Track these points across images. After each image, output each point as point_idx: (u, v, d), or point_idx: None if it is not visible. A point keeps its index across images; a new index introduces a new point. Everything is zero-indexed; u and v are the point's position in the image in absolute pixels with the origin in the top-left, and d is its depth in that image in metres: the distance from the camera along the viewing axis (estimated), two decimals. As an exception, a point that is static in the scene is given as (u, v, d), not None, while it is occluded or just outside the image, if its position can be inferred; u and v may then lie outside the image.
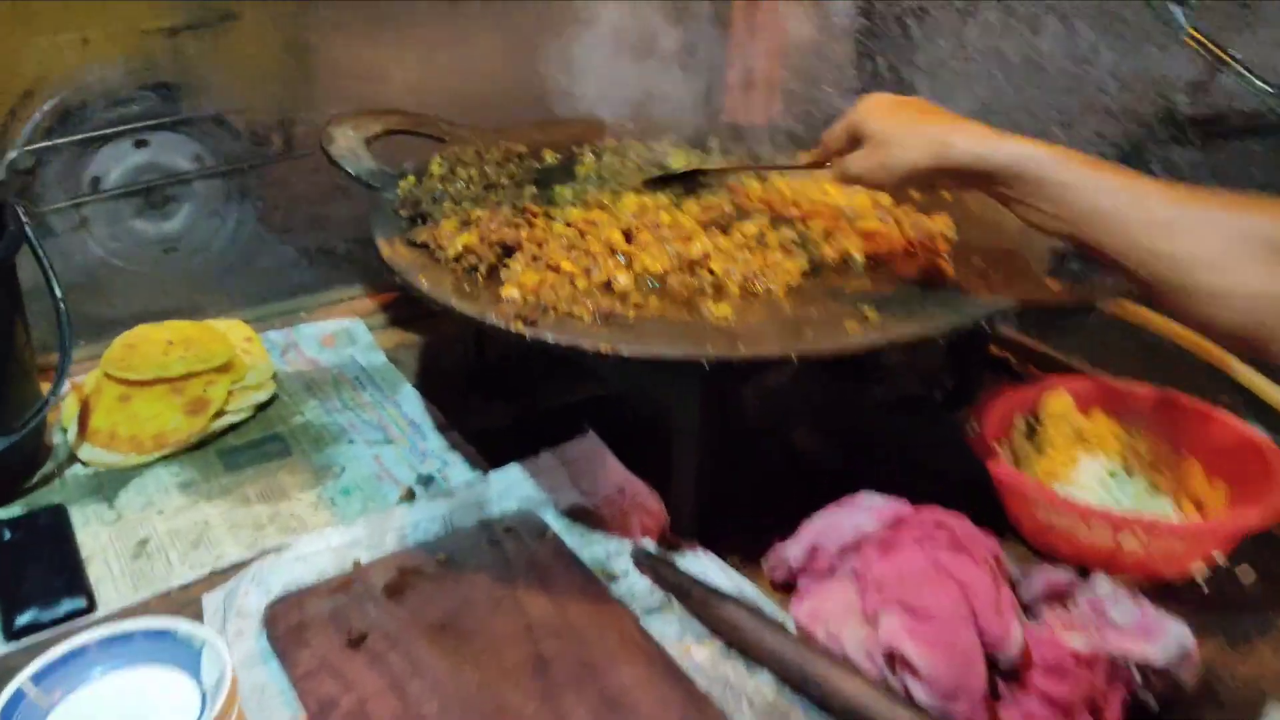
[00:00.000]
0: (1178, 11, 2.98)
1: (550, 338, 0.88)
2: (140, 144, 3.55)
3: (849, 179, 0.97)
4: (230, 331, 1.35)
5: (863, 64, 1.40)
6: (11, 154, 3.04)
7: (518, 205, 1.14)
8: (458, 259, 1.03)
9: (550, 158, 1.34)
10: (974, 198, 1.22)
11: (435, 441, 1.19)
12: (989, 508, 1.01)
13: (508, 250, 1.05)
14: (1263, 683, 0.88)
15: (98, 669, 0.77)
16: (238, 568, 0.98)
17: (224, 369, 1.25)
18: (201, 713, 0.74)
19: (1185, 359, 1.17)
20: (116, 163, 3.43)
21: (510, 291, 0.97)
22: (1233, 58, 2.83)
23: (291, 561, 0.96)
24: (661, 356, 0.86)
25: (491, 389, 1.29)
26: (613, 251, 1.08)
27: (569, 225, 1.12)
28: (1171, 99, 1.37)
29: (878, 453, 1.16)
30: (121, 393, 1.21)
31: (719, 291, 1.01)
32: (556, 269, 1.03)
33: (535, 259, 1.04)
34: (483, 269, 1.02)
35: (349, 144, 1.25)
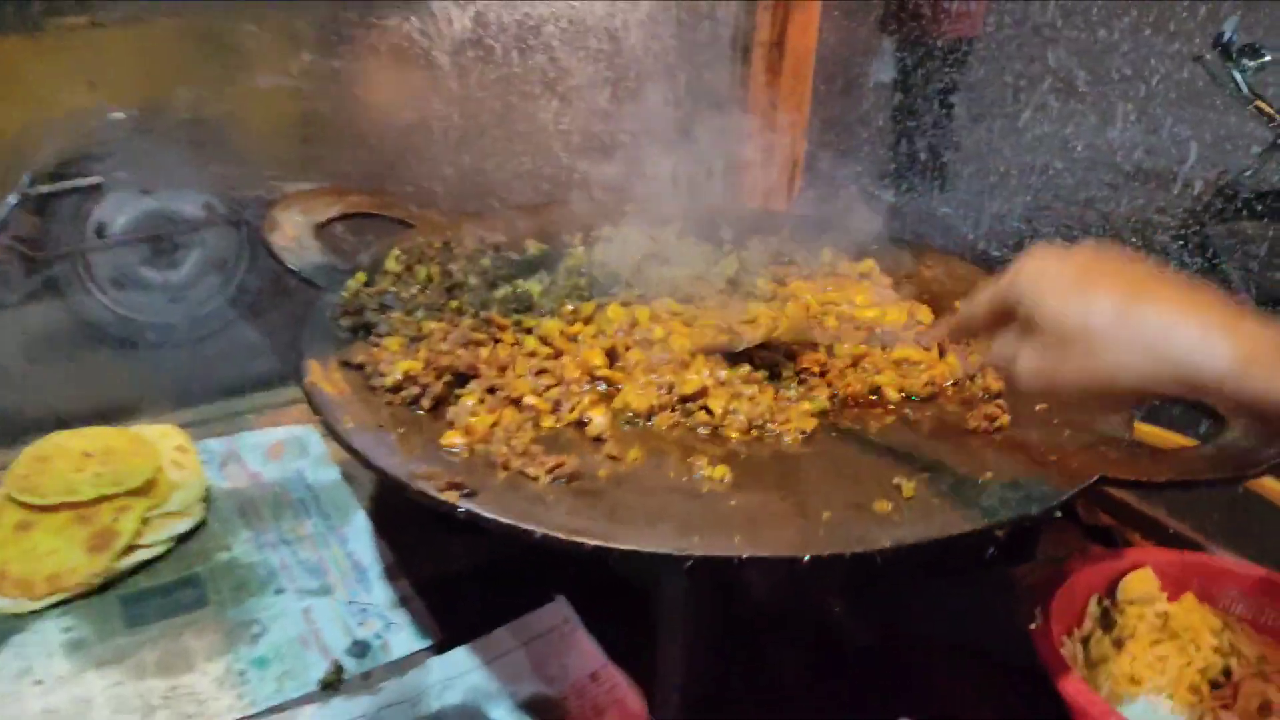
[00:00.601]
0: (1240, 78, 2.74)
1: (488, 514, 0.68)
2: (147, 191, 3.38)
3: (1021, 381, 0.65)
4: (162, 439, 1.17)
5: (898, 144, 1.20)
6: (12, 199, 2.90)
7: (482, 316, 0.95)
8: (396, 389, 0.84)
9: (534, 248, 1.15)
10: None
11: (380, 593, 1.00)
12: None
13: (461, 378, 0.86)
14: None
15: None
16: (109, 773, 0.78)
17: (141, 491, 1.06)
18: None
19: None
20: (123, 210, 3.28)
21: (453, 438, 0.78)
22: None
23: (169, 775, 0.76)
24: (631, 551, 0.65)
25: (455, 522, 1.09)
26: (591, 377, 0.88)
27: (543, 342, 0.93)
28: (1234, 169, 1.16)
29: (913, 630, 0.95)
30: (22, 519, 1.03)
31: (716, 437, 0.81)
32: (518, 403, 0.84)
33: (492, 390, 0.84)
34: (426, 401, 0.83)
35: (295, 231, 1.07)
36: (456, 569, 1.04)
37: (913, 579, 1.02)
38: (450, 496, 0.70)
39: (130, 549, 1.03)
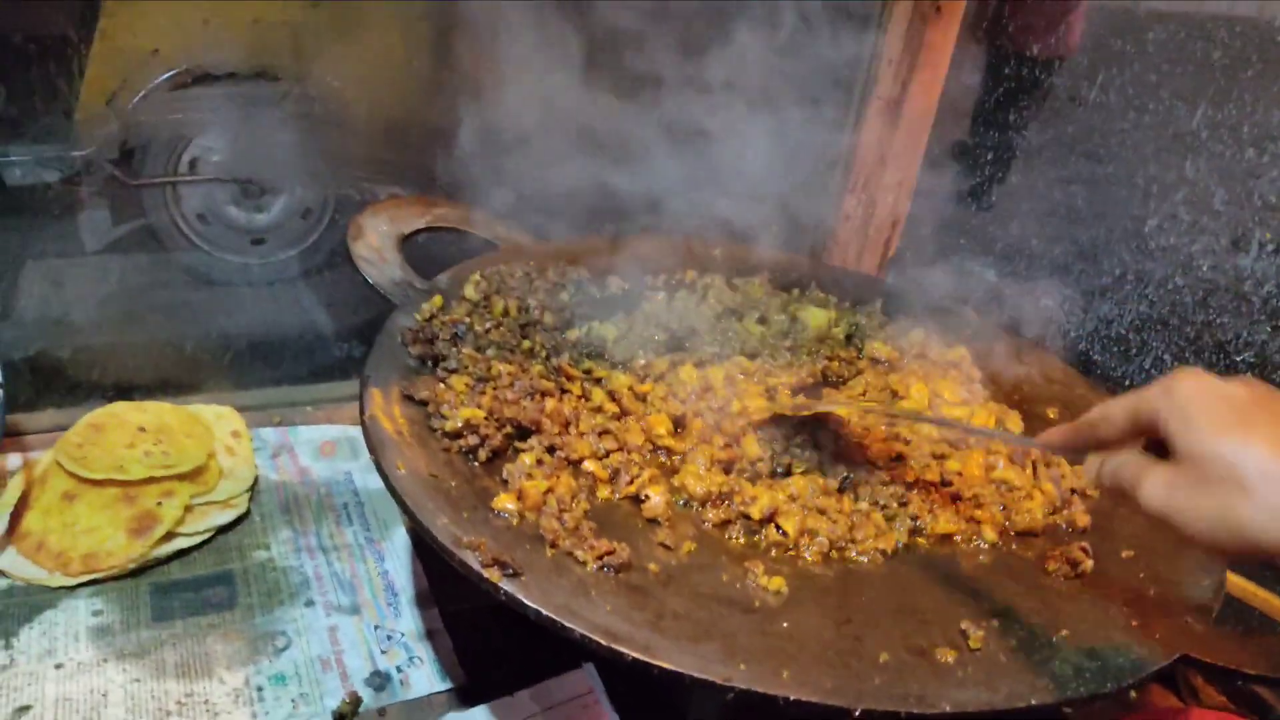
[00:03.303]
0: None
1: (530, 604, 0.65)
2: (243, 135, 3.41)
3: (1146, 507, 0.60)
4: (218, 421, 1.17)
5: (1009, 223, 1.14)
6: (114, 125, 2.95)
7: (553, 363, 0.92)
8: (455, 435, 0.81)
9: (616, 286, 1.11)
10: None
11: (408, 621, 0.97)
12: None
13: (522, 431, 0.83)
14: None
15: None
16: (114, 778, 0.77)
17: (190, 476, 1.06)
18: None
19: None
20: (216, 150, 3.34)
21: (505, 502, 0.75)
22: None
23: (171, 795, 0.75)
24: (670, 670, 0.62)
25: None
26: (655, 446, 0.85)
27: (611, 398, 0.90)
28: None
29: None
30: (68, 488, 1.03)
31: (775, 548, 0.77)
32: (577, 466, 0.81)
33: (552, 450, 0.81)
34: (484, 453, 0.80)
35: (379, 241, 1.04)
36: (490, 607, 1.02)
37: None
38: (493, 575, 0.66)
39: (169, 535, 1.02)
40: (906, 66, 1.20)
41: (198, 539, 1.04)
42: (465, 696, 0.89)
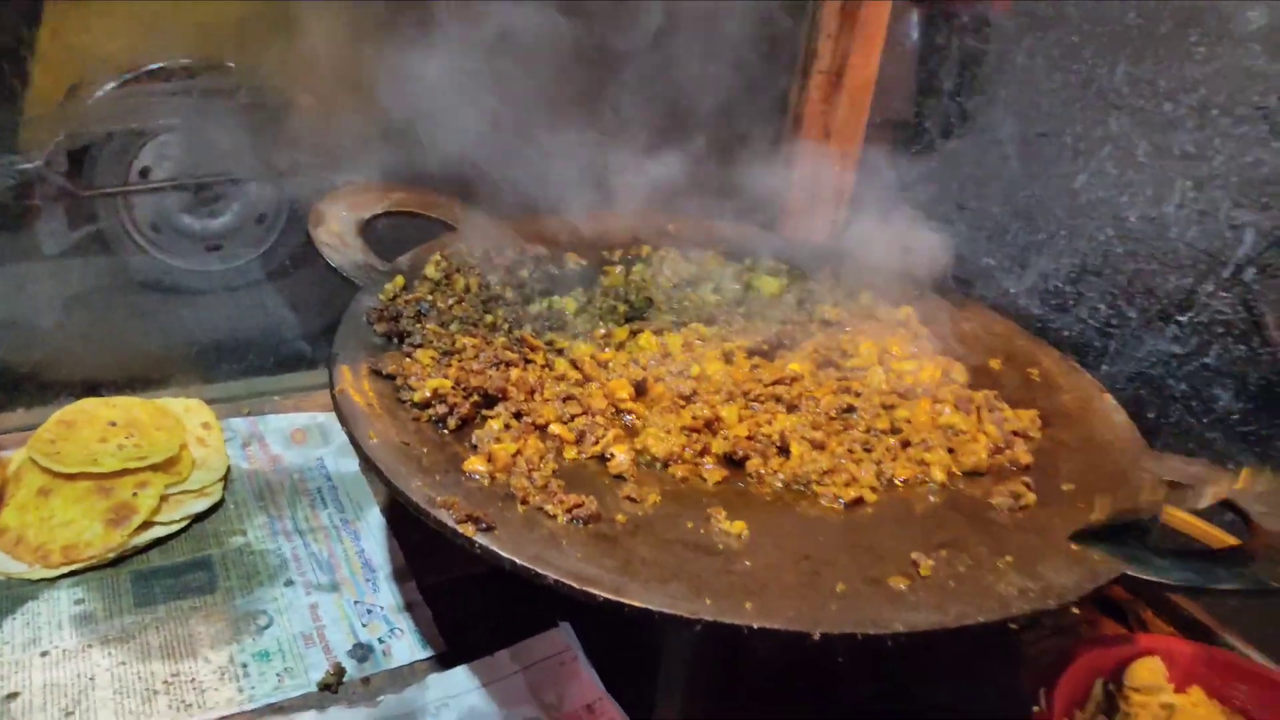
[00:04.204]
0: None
1: (505, 554, 0.68)
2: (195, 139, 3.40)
3: None
4: (187, 414, 1.18)
5: (949, 191, 1.19)
6: (61, 135, 2.93)
7: (515, 334, 0.95)
8: (424, 405, 0.84)
9: (573, 262, 1.15)
10: (1070, 389, 1.00)
11: (387, 596, 1.00)
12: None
13: (489, 399, 0.86)
14: None
15: None
16: (106, 755, 0.80)
17: (163, 467, 1.07)
18: None
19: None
20: (168, 156, 3.32)
21: (475, 465, 0.78)
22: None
23: (165, 766, 0.77)
24: (641, 608, 0.65)
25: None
26: (617, 409, 0.88)
27: (574, 365, 0.93)
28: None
29: (917, 690, 0.94)
30: (44, 484, 1.05)
31: (737, 479, 0.81)
32: (543, 430, 0.84)
33: (518, 415, 0.84)
34: (453, 421, 0.83)
35: (340, 227, 1.07)
36: (465, 577, 1.05)
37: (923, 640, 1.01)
38: (467, 530, 0.70)
39: (146, 525, 1.04)
40: (845, 39, 1.24)
41: (174, 527, 1.06)
42: (446, 661, 0.92)
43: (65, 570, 0.99)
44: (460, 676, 0.87)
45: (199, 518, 1.08)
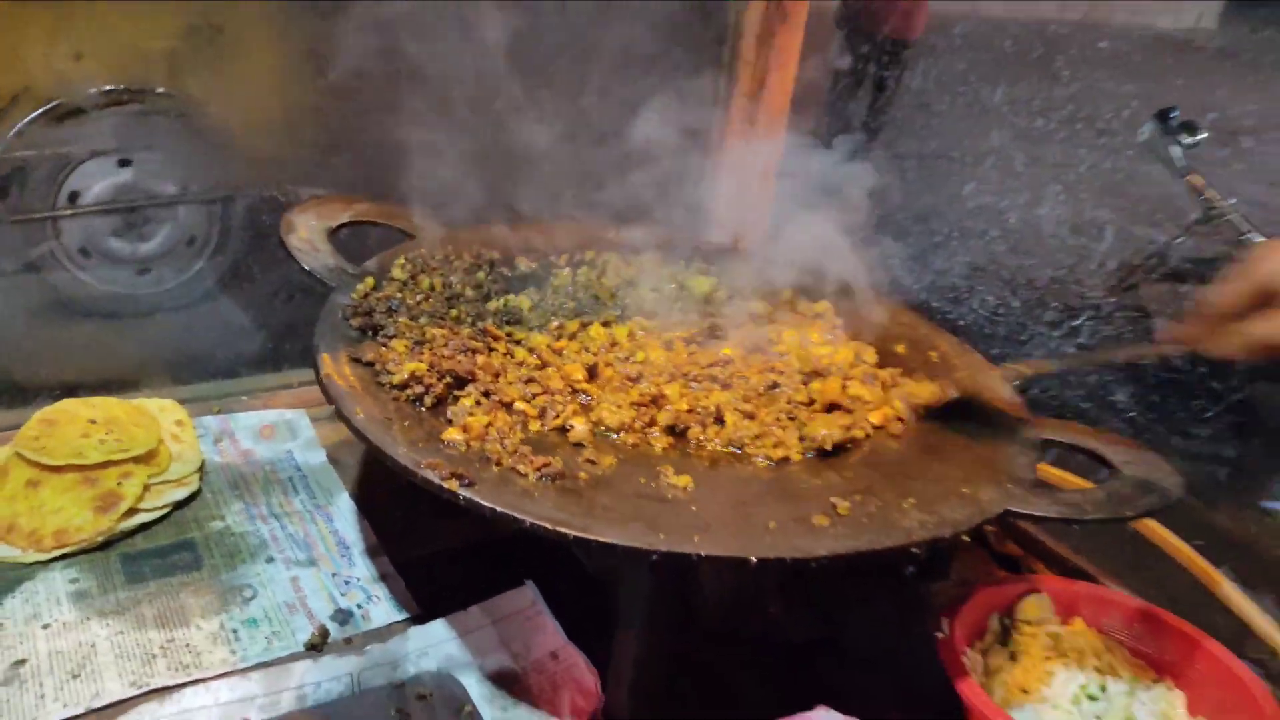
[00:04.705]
0: (1177, 153, 2.96)
1: (486, 503, 0.79)
2: (124, 163, 3.45)
3: (1268, 346, 0.77)
4: (162, 413, 1.26)
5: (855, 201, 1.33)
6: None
7: (479, 326, 1.06)
8: (402, 386, 0.94)
9: (524, 265, 1.26)
10: (962, 365, 1.15)
11: (363, 569, 1.09)
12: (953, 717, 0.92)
13: (459, 381, 0.96)
14: None
15: None
16: (116, 708, 0.88)
17: (144, 459, 1.15)
18: None
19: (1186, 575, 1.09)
20: (98, 180, 3.34)
21: (453, 434, 0.88)
22: (1230, 202, 2.80)
23: (173, 716, 0.85)
24: (605, 543, 0.77)
25: (438, 506, 1.19)
26: (573, 391, 1.00)
27: (532, 353, 1.05)
28: (1166, 239, 1.30)
29: (841, 632, 1.07)
30: (31, 476, 1.11)
31: (681, 445, 0.93)
32: (509, 407, 0.95)
33: (487, 394, 0.95)
34: (429, 400, 0.94)
35: (310, 234, 1.16)
36: (434, 551, 1.15)
37: (843, 592, 1.14)
38: (452, 485, 0.80)
39: (131, 512, 1.11)
40: (761, 65, 1.38)
41: (157, 514, 1.13)
42: (421, 622, 1.01)
43: (58, 553, 1.06)
44: (438, 629, 0.97)
45: (179, 505, 1.16)
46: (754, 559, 0.76)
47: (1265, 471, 3.41)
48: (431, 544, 1.16)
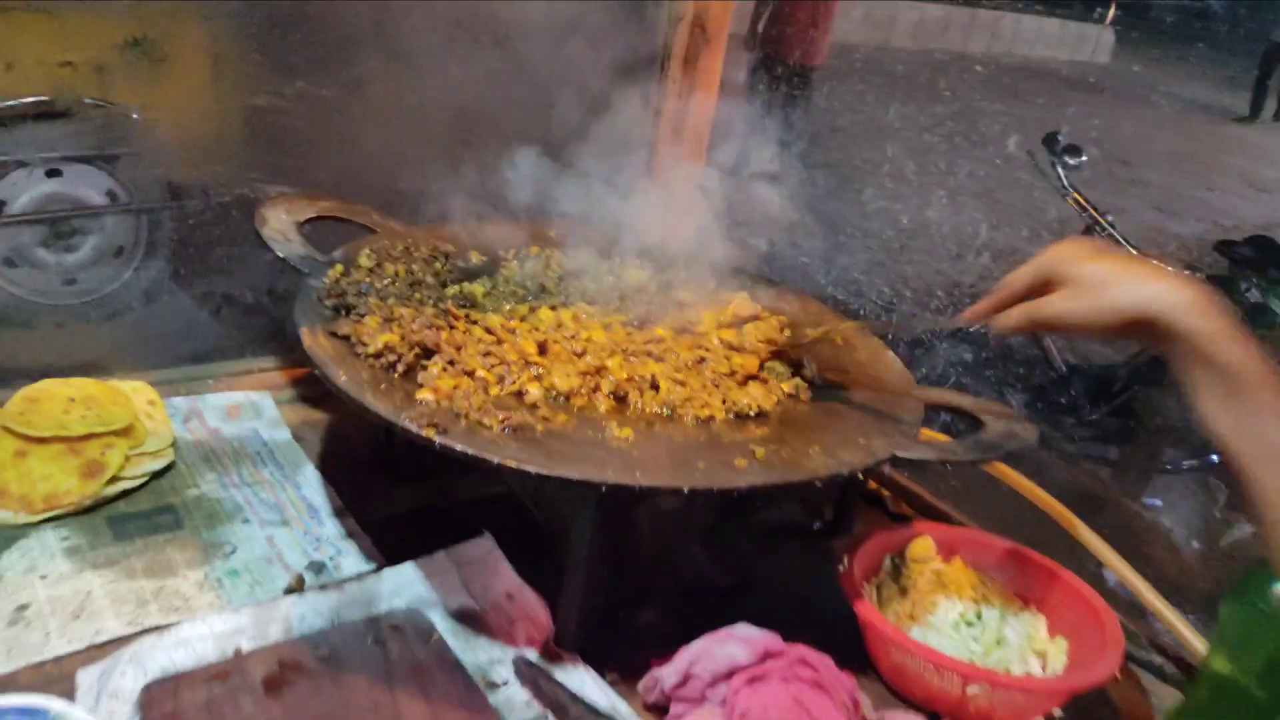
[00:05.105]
0: (1062, 172, 3.25)
1: (459, 447, 0.92)
2: (52, 173, 3.47)
3: (1041, 321, 0.93)
4: (134, 394, 1.35)
5: (774, 205, 1.50)
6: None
7: (440, 306, 1.19)
8: (377, 355, 1.07)
9: (476, 258, 1.40)
10: (863, 348, 1.32)
11: (331, 528, 1.21)
12: (853, 642, 1.08)
13: (426, 352, 1.09)
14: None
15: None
16: (117, 644, 0.98)
17: (123, 433, 1.25)
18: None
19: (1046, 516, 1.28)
20: (25, 189, 3.36)
21: (425, 395, 1.01)
22: (1107, 220, 3.09)
23: (171, 645, 0.96)
24: (563, 477, 0.91)
25: (396, 475, 1.32)
26: (526, 363, 1.13)
27: (488, 332, 1.18)
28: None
29: (759, 578, 1.23)
30: (18, 447, 1.20)
31: (622, 408, 1.08)
32: (471, 374, 1.08)
33: (452, 363, 1.08)
34: (400, 367, 1.06)
35: (281, 226, 1.28)
36: (392, 515, 1.27)
37: (761, 546, 1.30)
38: (429, 432, 0.93)
39: (114, 480, 1.21)
40: (687, 84, 1.55)
41: (137, 482, 1.23)
42: (388, 571, 1.13)
43: (48, 515, 1.15)
44: (408, 570, 1.09)
45: (156, 476, 1.26)
46: (686, 488, 0.91)
47: (1145, 471, 3.71)
48: (390, 508, 1.28)
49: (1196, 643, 1.09)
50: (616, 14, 1.57)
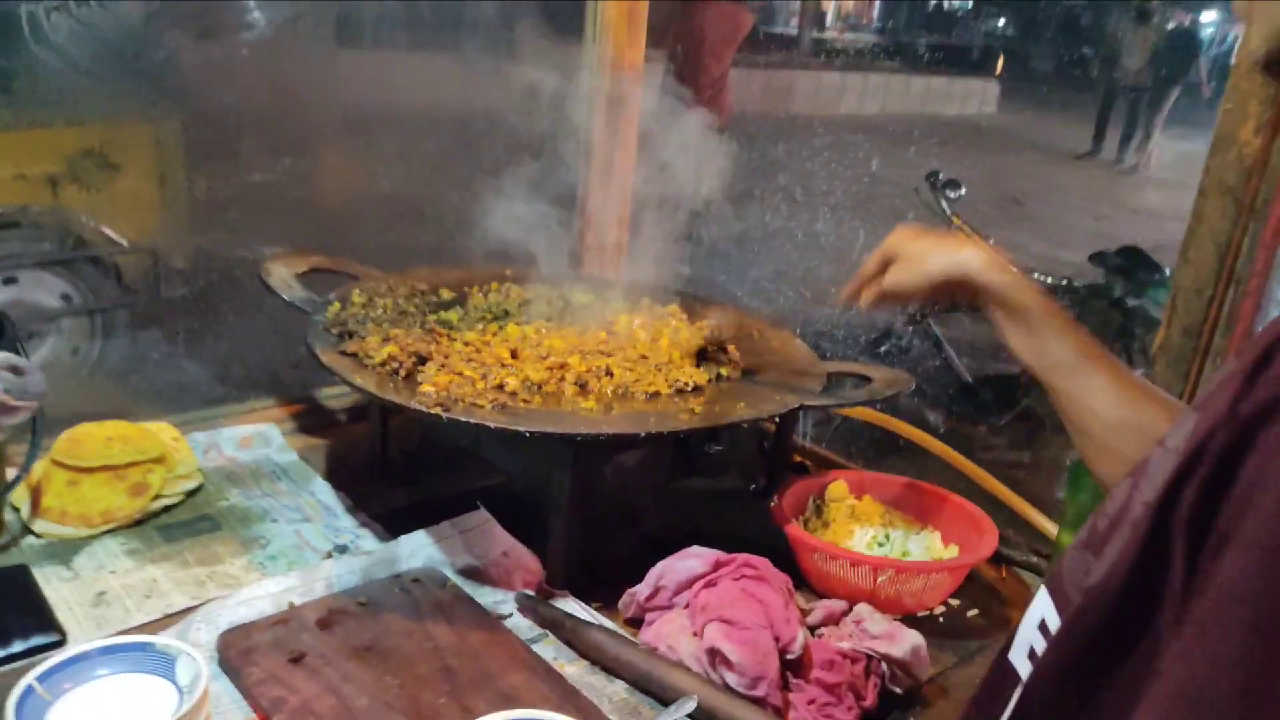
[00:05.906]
0: (943, 202, 3.65)
1: (462, 418, 1.18)
2: (8, 281, 3.67)
3: (886, 293, 1.14)
4: (159, 432, 1.56)
5: (693, 234, 1.79)
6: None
7: (426, 327, 1.44)
8: (382, 364, 1.31)
9: (446, 294, 1.66)
10: (776, 338, 1.61)
11: (347, 521, 1.44)
12: (786, 565, 1.34)
13: (421, 360, 1.34)
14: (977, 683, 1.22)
15: (90, 674, 0.98)
16: (187, 612, 1.19)
17: (159, 460, 1.46)
18: (180, 706, 0.96)
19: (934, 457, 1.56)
20: (-17, 297, 3.50)
21: (427, 388, 1.26)
22: (990, 241, 3.47)
23: (235, 605, 1.18)
24: (546, 432, 1.16)
25: (393, 479, 1.55)
26: (503, 364, 1.39)
27: (467, 344, 1.44)
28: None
29: (705, 529, 1.48)
30: (70, 478, 1.40)
31: (585, 392, 1.34)
32: (460, 374, 1.34)
33: (443, 366, 1.34)
34: (402, 372, 1.31)
35: (282, 277, 1.53)
36: (393, 510, 1.50)
37: (707, 508, 1.56)
38: (438, 410, 1.18)
39: (156, 498, 1.42)
40: (611, 135, 1.84)
41: (176, 499, 1.44)
42: (401, 547, 1.36)
43: (105, 529, 1.35)
44: (421, 537, 1.33)
45: (190, 494, 1.47)
46: (643, 433, 1.17)
47: (1052, 468, 4.06)
48: (389, 506, 1.51)
49: (1050, 527, 1.38)
50: (543, 92, 1.86)
